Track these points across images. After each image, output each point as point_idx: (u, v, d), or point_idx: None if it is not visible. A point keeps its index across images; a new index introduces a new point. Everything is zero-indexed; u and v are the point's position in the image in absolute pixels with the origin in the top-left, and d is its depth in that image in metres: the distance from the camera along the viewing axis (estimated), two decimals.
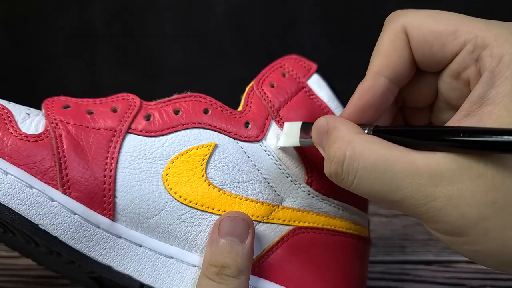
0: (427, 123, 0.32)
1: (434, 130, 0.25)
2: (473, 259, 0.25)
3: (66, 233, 0.29)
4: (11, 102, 0.32)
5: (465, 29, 0.26)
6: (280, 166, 0.32)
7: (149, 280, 0.30)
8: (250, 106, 0.33)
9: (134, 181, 0.30)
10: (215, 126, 0.32)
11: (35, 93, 0.32)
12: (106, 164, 0.30)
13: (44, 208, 0.28)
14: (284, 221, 0.32)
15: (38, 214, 0.28)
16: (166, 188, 0.30)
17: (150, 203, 0.30)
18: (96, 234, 0.29)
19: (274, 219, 0.32)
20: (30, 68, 0.70)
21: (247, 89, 0.34)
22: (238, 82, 0.36)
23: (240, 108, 0.33)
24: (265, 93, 0.33)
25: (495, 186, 0.23)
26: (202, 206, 0.31)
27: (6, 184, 0.28)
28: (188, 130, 0.32)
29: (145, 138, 0.31)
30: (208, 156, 0.31)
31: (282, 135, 0.32)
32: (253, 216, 0.31)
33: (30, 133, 0.30)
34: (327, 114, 0.34)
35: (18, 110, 0.31)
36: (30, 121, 0.31)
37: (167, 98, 0.33)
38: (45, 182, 0.29)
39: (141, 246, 0.30)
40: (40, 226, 0.28)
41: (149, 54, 0.70)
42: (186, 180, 0.31)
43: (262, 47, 0.69)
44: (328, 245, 0.33)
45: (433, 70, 0.29)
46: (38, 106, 0.33)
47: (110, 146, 0.30)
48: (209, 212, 0.31)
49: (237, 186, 0.31)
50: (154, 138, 0.31)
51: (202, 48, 0.69)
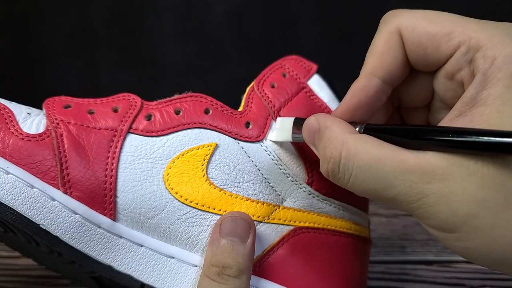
0: (425, 123, 0.32)
1: (424, 129, 0.25)
2: (464, 256, 0.25)
3: (67, 233, 0.29)
4: (12, 102, 0.32)
5: (459, 30, 0.26)
6: (280, 166, 0.32)
7: (149, 280, 0.30)
8: (251, 106, 0.33)
9: (135, 181, 0.30)
10: (216, 126, 0.32)
11: (35, 93, 0.32)
12: (107, 164, 0.30)
13: (45, 208, 0.28)
14: (284, 221, 0.32)
15: (39, 214, 0.28)
16: (167, 188, 0.30)
17: (151, 203, 0.30)
18: (97, 234, 0.29)
19: (274, 219, 0.32)
20: (30, 68, 0.70)
21: (248, 89, 0.34)
22: (238, 82, 0.36)
23: (240, 108, 0.33)
24: (265, 93, 0.33)
25: (485, 184, 0.23)
26: (203, 206, 0.31)
27: (8, 183, 0.28)
28: (189, 130, 0.32)
29: (146, 138, 0.31)
30: (209, 156, 0.31)
31: (274, 130, 0.32)
32: (253, 216, 0.31)
33: (31, 132, 0.30)
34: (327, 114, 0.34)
35: (19, 110, 0.31)
36: (31, 120, 0.31)
37: (168, 98, 0.33)
38: (46, 182, 0.29)
39: (142, 246, 0.30)
40: (41, 225, 0.28)
41: (149, 54, 0.70)
42: (187, 180, 0.31)
43: (262, 47, 0.69)
44: (328, 245, 0.33)
45: (427, 70, 0.29)
46: (38, 106, 0.33)
47: (111, 146, 0.30)
48: (210, 212, 0.31)
49: (237, 186, 0.31)
50: (155, 138, 0.31)
51: (202, 48, 0.69)
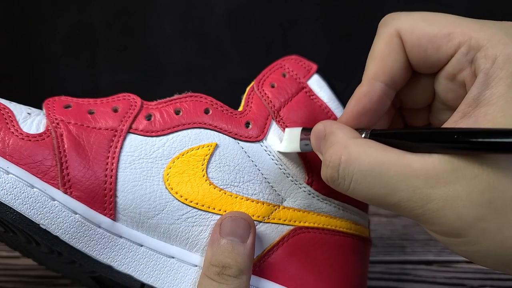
0: (426, 124, 0.32)
1: (429, 132, 0.25)
2: (471, 259, 0.25)
3: (67, 232, 0.29)
4: (12, 102, 0.32)
5: (459, 31, 0.26)
6: (280, 166, 0.32)
7: (149, 280, 0.30)
8: (251, 106, 0.33)
9: (135, 180, 0.30)
10: (216, 126, 0.32)
11: (35, 93, 0.32)
12: (107, 164, 0.30)
13: (45, 207, 0.28)
14: (284, 221, 0.32)
15: (39, 214, 0.28)
16: (167, 188, 0.30)
17: (151, 203, 0.30)
18: (97, 234, 0.29)
19: (274, 219, 0.32)
20: (30, 68, 0.70)
21: (248, 89, 0.34)
22: (238, 82, 0.36)
23: (240, 108, 0.33)
24: (265, 93, 0.33)
25: (491, 186, 0.23)
26: (203, 206, 0.31)
27: (8, 183, 0.28)
28: (189, 130, 0.32)
29: (146, 138, 0.31)
30: (209, 156, 0.31)
31: (283, 141, 0.32)
32: (253, 216, 0.31)
33: (31, 132, 0.30)
34: (328, 114, 0.34)
35: (19, 110, 0.31)
36: (31, 120, 0.31)
37: (168, 98, 0.33)
38: (46, 182, 0.29)
39: (142, 246, 0.30)
40: (41, 225, 0.28)
41: (149, 54, 0.70)
42: (187, 180, 0.31)
43: (262, 47, 0.69)
44: (328, 245, 0.33)
45: (428, 72, 0.29)
46: (38, 106, 0.33)
47: (111, 146, 0.30)
48: (209, 212, 0.31)
49: (237, 186, 0.31)
50: (155, 138, 0.31)
51: (202, 48, 0.69)
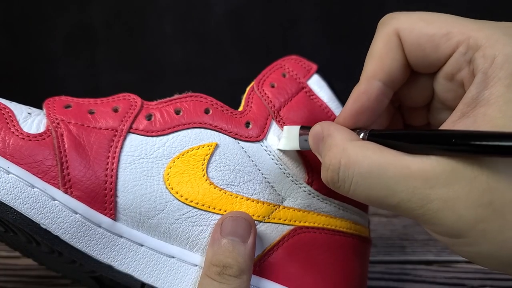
0: (425, 123, 0.32)
1: (427, 134, 0.25)
2: (472, 260, 0.25)
3: (67, 232, 0.29)
4: (12, 102, 0.32)
5: (457, 30, 0.26)
6: (280, 166, 0.32)
7: (150, 279, 0.30)
8: (251, 106, 0.33)
9: (135, 180, 0.30)
10: (216, 126, 0.32)
11: (35, 93, 0.32)
12: (108, 163, 0.30)
13: (45, 207, 0.28)
14: (285, 220, 0.32)
15: (40, 214, 0.28)
16: (167, 187, 0.30)
17: (151, 203, 0.30)
18: (97, 234, 0.29)
19: (275, 219, 0.32)
20: (30, 68, 0.70)
21: (248, 89, 0.34)
22: (238, 82, 0.36)
23: (240, 108, 0.33)
24: (265, 93, 0.33)
25: (491, 187, 0.23)
26: (203, 205, 0.31)
27: (8, 183, 0.28)
28: (189, 130, 0.32)
29: (146, 138, 0.31)
30: (209, 156, 0.31)
31: (281, 138, 0.32)
32: (254, 215, 0.31)
33: (31, 132, 0.30)
34: (328, 114, 0.34)
35: (20, 110, 0.31)
36: (31, 120, 0.31)
37: (168, 98, 0.33)
38: (46, 182, 0.29)
39: (142, 245, 0.30)
40: (41, 225, 0.28)
41: (149, 54, 0.70)
42: (187, 179, 0.31)
43: (262, 47, 0.69)
44: (328, 245, 0.33)
45: (427, 72, 0.29)
46: (38, 106, 0.33)
47: (111, 146, 0.30)
48: (210, 211, 0.31)
49: (238, 186, 0.31)
50: (155, 138, 0.31)
51: (202, 48, 0.69)
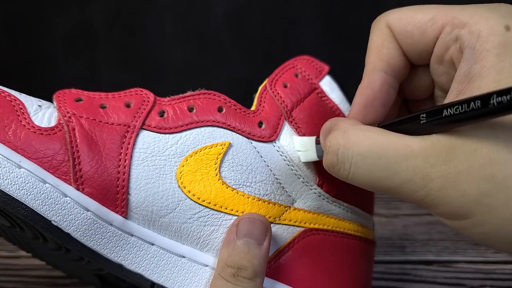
0: None
1: (423, 112, 0.25)
2: (486, 243, 0.25)
3: (79, 230, 0.28)
4: (22, 93, 0.31)
5: (441, 14, 0.27)
6: (292, 167, 0.32)
7: (160, 279, 0.30)
8: (263, 106, 0.33)
9: (147, 178, 0.30)
10: (229, 125, 0.32)
11: (35, 93, 0.32)
12: (120, 160, 0.29)
13: (57, 204, 0.28)
14: (295, 222, 0.32)
15: (51, 210, 0.28)
16: (179, 186, 0.30)
17: (163, 201, 0.30)
18: (108, 232, 0.29)
19: (285, 220, 0.32)
20: (30, 68, 0.70)
21: (260, 88, 0.34)
22: (238, 82, 0.36)
23: (253, 107, 0.33)
24: (278, 93, 0.33)
25: (492, 160, 0.23)
26: (215, 205, 0.30)
27: (20, 178, 0.27)
28: (202, 128, 0.31)
29: (159, 135, 0.31)
30: (222, 155, 0.31)
31: (298, 152, 0.32)
32: (265, 216, 0.31)
33: (42, 126, 0.29)
34: (338, 116, 0.34)
35: (30, 102, 0.31)
36: (42, 113, 0.30)
37: (181, 95, 0.32)
38: (58, 177, 0.28)
39: (153, 244, 0.30)
40: (53, 222, 0.28)
41: (149, 54, 0.70)
42: (200, 178, 0.30)
43: (262, 47, 0.69)
44: (337, 247, 0.33)
45: (422, 62, 0.29)
46: None
47: (123, 142, 0.30)
48: (222, 211, 0.30)
49: (250, 186, 0.31)
50: (168, 135, 0.31)
51: (202, 48, 0.69)
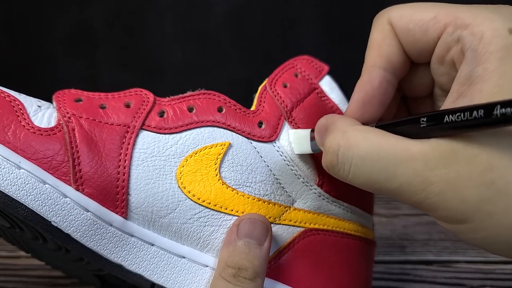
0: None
1: (424, 115, 0.24)
2: (484, 247, 0.25)
3: (79, 230, 0.28)
4: (22, 94, 0.31)
5: (444, 13, 0.26)
6: (292, 167, 0.32)
7: (160, 279, 0.30)
8: (263, 106, 0.33)
9: (147, 178, 0.30)
10: (229, 125, 0.31)
11: (35, 93, 0.32)
12: (120, 160, 0.29)
13: (57, 204, 0.28)
14: (295, 222, 0.32)
15: (51, 211, 0.28)
16: (179, 186, 0.30)
17: (163, 202, 0.30)
18: (108, 232, 0.29)
19: (285, 220, 0.32)
20: (30, 68, 0.70)
21: (260, 88, 0.34)
22: (238, 82, 0.36)
23: (253, 107, 0.33)
24: (278, 93, 0.33)
25: (492, 166, 0.22)
26: (215, 205, 0.30)
27: (20, 179, 0.27)
28: (202, 128, 0.31)
29: (158, 135, 0.31)
30: (222, 155, 0.31)
31: (291, 143, 0.32)
32: (265, 217, 0.31)
33: (42, 126, 0.29)
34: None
35: (30, 102, 0.30)
36: (42, 113, 0.30)
37: (181, 95, 0.32)
38: (58, 178, 0.28)
39: (153, 245, 0.30)
40: (52, 223, 0.28)
41: (149, 54, 0.70)
42: (200, 179, 0.30)
43: (262, 47, 0.69)
44: (337, 247, 0.33)
45: (423, 60, 0.29)
46: None
47: (123, 143, 0.30)
48: (222, 212, 0.30)
49: (250, 187, 0.31)
50: (167, 136, 0.31)
51: (202, 48, 0.69)
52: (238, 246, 0.29)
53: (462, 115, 0.22)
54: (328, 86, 0.34)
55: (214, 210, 0.30)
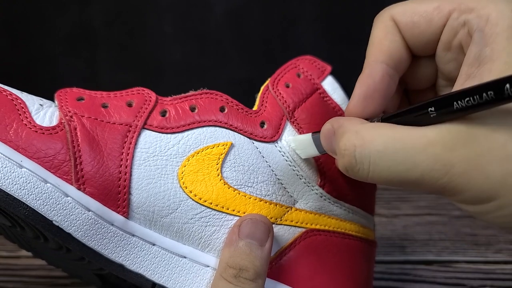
0: None
1: (435, 100, 0.24)
2: (507, 227, 0.24)
3: (80, 230, 0.28)
4: (23, 92, 0.31)
5: (447, 1, 0.27)
6: (294, 168, 0.32)
7: (161, 279, 0.30)
8: (265, 106, 0.33)
9: (149, 178, 0.30)
10: (231, 125, 0.31)
11: (35, 93, 0.32)
12: (121, 160, 0.29)
13: (58, 203, 0.28)
14: (297, 223, 0.32)
15: (53, 210, 0.28)
16: (181, 186, 0.30)
17: (165, 201, 0.30)
18: (109, 232, 0.29)
19: (287, 221, 0.32)
20: (30, 68, 0.70)
21: (262, 88, 0.34)
22: (238, 82, 0.36)
23: (255, 107, 0.33)
24: (280, 93, 0.33)
25: None
26: (217, 205, 0.30)
27: (21, 178, 0.27)
28: (204, 128, 0.31)
29: (160, 134, 0.30)
30: (224, 155, 0.31)
31: (296, 150, 0.32)
32: (267, 217, 0.31)
33: (44, 125, 0.29)
34: (340, 116, 0.33)
35: (31, 101, 0.30)
36: (43, 112, 0.30)
37: (183, 94, 0.32)
38: (59, 177, 0.28)
39: (154, 245, 0.30)
40: (54, 222, 0.28)
41: (149, 54, 0.70)
42: (202, 179, 0.30)
43: (262, 47, 0.69)
44: (338, 248, 0.33)
45: (427, 53, 0.29)
46: None
47: (125, 142, 0.30)
48: (223, 212, 0.30)
49: (251, 187, 0.31)
50: (169, 135, 0.31)
51: (202, 48, 0.69)
52: (240, 246, 0.29)
53: (472, 99, 0.22)
54: (330, 86, 0.34)
55: (215, 210, 0.30)
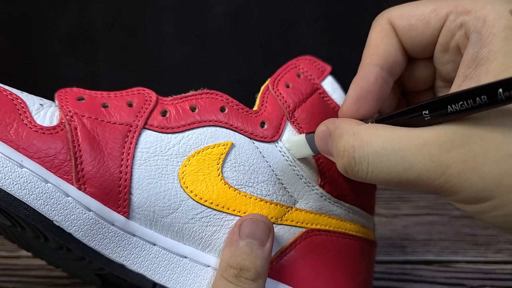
0: None
1: (431, 102, 0.25)
2: (506, 226, 0.24)
3: (80, 230, 0.28)
4: (24, 92, 0.31)
5: (444, 4, 0.27)
6: (294, 168, 0.32)
7: (162, 279, 0.30)
8: (266, 106, 0.33)
9: (150, 178, 0.30)
10: (232, 125, 0.31)
11: (35, 93, 0.32)
12: (122, 160, 0.29)
13: (59, 203, 0.28)
14: (297, 223, 0.32)
15: (53, 210, 0.28)
16: (182, 186, 0.30)
17: (165, 201, 0.30)
18: (110, 232, 0.29)
19: (287, 221, 0.32)
20: (30, 68, 0.70)
21: (263, 88, 0.34)
22: (238, 82, 0.36)
23: (255, 107, 0.33)
24: (280, 93, 0.33)
25: (507, 138, 0.23)
26: (218, 205, 0.30)
27: (22, 178, 0.27)
28: (204, 128, 0.31)
29: (161, 134, 0.31)
30: (224, 155, 0.31)
31: (290, 151, 0.32)
32: (267, 217, 0.31)
33: (44, 125, 0.29)
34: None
35: (32, 100, 0.30)
36: (44, 112, 0.30)
37: (184, 94, 0.32)
38: (60, 177, 0.28)
39: (154, 244, 0.30)
40: (54, 222, 0.28)
41: (149, 54, 0.70)
42: (202, 179, 0.30)
43: (262, 47, 0.69)
44: (339, 247, 0.33)
45: (425, 55, 0.29)
46: None
47: (126, 142, 0.30)
48: (224, 212, 0.30)
49: (252, 187, 0.31)
50: (170, 135, 0.31)
51: (202, 48, 0.69)
52: (240, 246, 0.29)
53: (466, 104, 0.22)
54: (330, 86, 0.34)
55: (216, 210, 0.30)
